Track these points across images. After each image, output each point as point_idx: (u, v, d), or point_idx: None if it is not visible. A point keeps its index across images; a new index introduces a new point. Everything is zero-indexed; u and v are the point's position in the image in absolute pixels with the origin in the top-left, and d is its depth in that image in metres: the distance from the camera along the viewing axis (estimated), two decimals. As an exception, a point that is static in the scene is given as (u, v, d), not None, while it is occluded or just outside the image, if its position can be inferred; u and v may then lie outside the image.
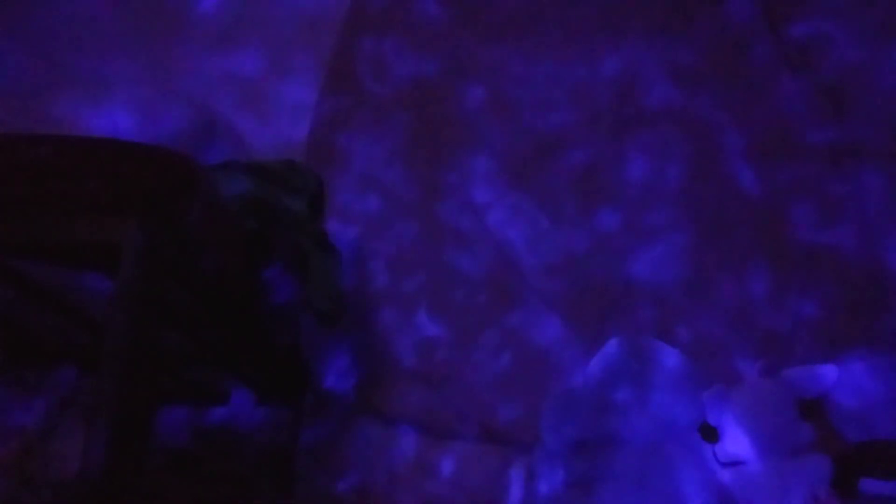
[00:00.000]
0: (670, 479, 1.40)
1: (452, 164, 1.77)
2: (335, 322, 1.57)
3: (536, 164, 1.75)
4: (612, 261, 1.64)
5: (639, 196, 1.69)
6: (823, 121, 1.67)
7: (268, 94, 1.89)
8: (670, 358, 1.48)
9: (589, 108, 1.77)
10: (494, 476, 1.50)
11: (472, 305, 1.64)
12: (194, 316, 1.27)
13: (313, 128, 1.85)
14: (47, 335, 1.37)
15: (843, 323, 1.51)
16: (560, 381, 1.54)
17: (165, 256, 1.03)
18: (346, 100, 1.87)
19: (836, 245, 1.56)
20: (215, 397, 1.55)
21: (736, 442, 1.40)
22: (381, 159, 1.80)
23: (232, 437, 1.51)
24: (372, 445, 1.55)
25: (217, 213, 1.19)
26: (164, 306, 1.06)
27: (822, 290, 1.53)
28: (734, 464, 1.41)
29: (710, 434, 1.45)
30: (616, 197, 1.69)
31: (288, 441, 1.53)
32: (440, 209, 1.73)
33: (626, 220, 1.67)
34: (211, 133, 1.76)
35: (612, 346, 1.50)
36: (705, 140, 1.70)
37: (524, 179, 1.74)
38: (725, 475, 1.41)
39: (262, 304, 1.40)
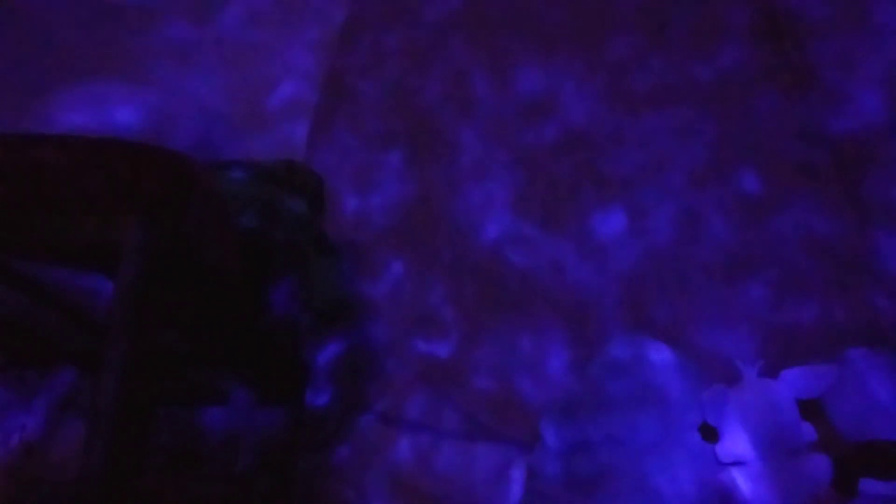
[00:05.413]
0: (670, 479, 1.39)
1: (446, 158, 1.77)
2: (335, 322, 1.56)
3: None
4: (611, 261, 1.64)
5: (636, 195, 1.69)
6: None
7: (269, 95, 1.89)
8: (670, 358, 1.48)
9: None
10: (494, 476, 1.50)
11: (472, 305, 1.64)
12: (194, 316, 1.27)
13: (313, 127, 1.85)
14: (47, 335, 1.37)
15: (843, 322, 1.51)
16: (560, 381, 1.54)
17: (165, 256, 1.02)
18: (344, 100, 1.87)
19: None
20: (215, 397, 1.54)
21: (736, 442, 1.40)
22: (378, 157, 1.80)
23: (232, 437, 1.50)
24: (372, 445, 1.55)
25: (216, 213, 1.19)
26: (164, 306, 1.06)
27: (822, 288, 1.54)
28: (734, 464, 1.41)
29: (710, 434, 1.44)
30: (612, 197, 1.69)
31: (288, 441, 1.53)
32: (436, 207, 1.73)
33: (625, 222, 1.67)
34: (211, 134, 1.76)
35: (612, 346, 1.50)
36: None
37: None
38: (725, 475, 1.41)
39: (262, 305, 1.40)
